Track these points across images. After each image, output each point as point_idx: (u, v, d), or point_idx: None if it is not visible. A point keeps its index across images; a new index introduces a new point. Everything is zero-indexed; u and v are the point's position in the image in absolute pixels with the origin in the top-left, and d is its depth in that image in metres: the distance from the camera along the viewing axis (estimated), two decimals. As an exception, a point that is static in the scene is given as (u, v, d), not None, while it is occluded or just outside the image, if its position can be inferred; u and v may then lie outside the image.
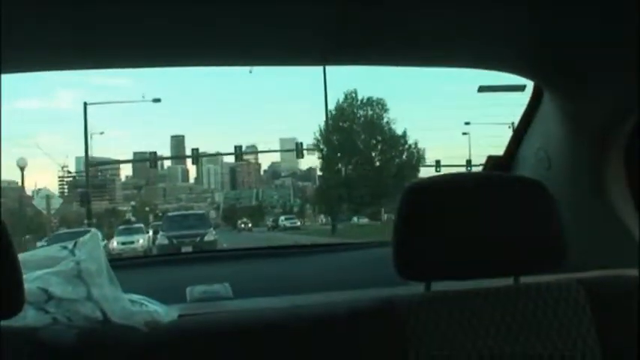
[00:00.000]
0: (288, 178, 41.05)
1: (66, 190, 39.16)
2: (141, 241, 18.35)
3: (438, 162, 25.96)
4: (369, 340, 1.23)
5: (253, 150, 43.86)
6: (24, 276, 1.15)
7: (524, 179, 1.41)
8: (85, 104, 25.33)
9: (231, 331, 1.26)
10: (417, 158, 26.67)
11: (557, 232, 1.28)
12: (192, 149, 29.51)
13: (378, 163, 25.76)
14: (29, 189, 39.77)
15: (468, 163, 24.59)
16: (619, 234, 1.63)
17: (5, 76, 1.54)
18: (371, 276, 1.74)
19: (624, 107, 1.56)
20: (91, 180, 38.53)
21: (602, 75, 1.53)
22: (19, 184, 39.64)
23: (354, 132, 26.23)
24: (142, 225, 21.26)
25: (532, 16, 1.41)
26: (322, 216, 31.73)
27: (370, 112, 26.45)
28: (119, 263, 1.80)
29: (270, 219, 33.69)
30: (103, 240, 15.33)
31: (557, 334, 1.26)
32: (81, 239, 1.39)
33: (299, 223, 30.61)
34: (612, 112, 1.59)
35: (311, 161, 36.08)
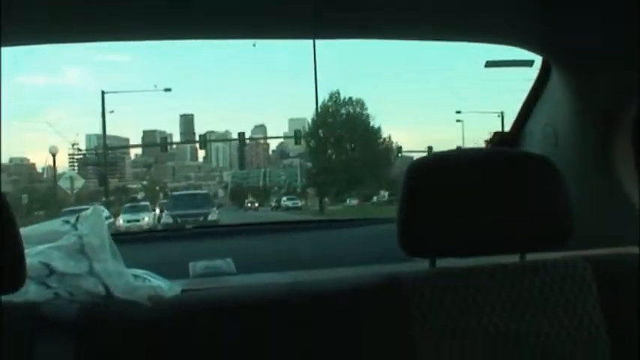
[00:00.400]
0: (296, 159, 41.00)
1: (76, 168, 39.32)
2: (146, 219, 18.70)
3: (430, 148, 28.09)
4: (373, 316, 1.22)
5: (261, 131, 43.90)
6: (26, 250, 1.14)
7: (531, 155, 1.38)
8: (103, 93, 26.41)
9: (233, 306, 1.25)
10: (389, 150, 30.50)
11: (564, 209, 1.26)
12: (200, 135, 30.02)
13: (355, 154, 29.37)
14: (40, 166, 40.11)
15: (458, 148, 26.25)
16: (625, 211, 1.61)
17: (10, 52, 1.52)
18: (375, 252, 1.73)
19: (634, 84, 1.53)
20: (102, 158, 38.70)
21: (612, 50, 1.51)
22: (30, 161, 39.95)
23: (337, 127, 30.00)
24: (147, 203, 21.80)
25: None
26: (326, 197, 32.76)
27: (351, 110, 30.12)
28: (122, 238, 1.78)
29: (274, 199, 34.18)
30: (111, 217, 16.26)
31: (563, 311, 1.25)
32: (83, 213, 1.37)
33: (300, 204, 31.43)
34: (621, 89, 1.56)
35: None
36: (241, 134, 31.57)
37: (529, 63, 1.94)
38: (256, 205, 33.41)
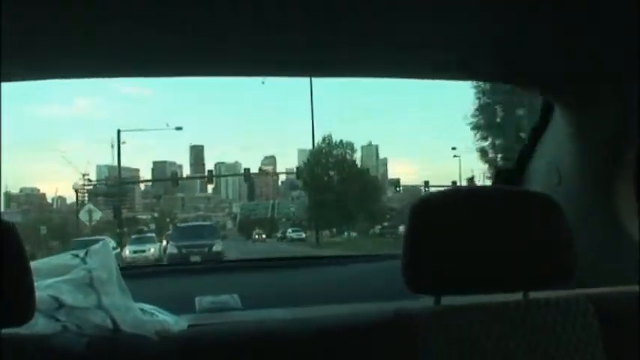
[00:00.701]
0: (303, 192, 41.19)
1: (86, 199, 39.53)
2: (152, 250, 19.14)
3: (426, 182, 30.47)
4: (380, 353, 1.22)
5: (270, 162, 44.07)
6: (35, 284, 1.14)
7: (534, 193, 1.39)
8: (119, 132, 27.51)
9: (239, 341, 1.25)
10: (376, 188, 33.65)
11: (567, 247, 1.26)
12: (208, 171, 30.60)
13: (344, 193, 31.51)
14: (49, 196, 40.34)
15: (454, 183, 28.14)
16: (628, 250, 1.61)
17: (22, 83, 1.55)
18: (380, 288, 1.71)
19: (635, 123, 1.54)
20: (112, 189, 38.96)
21: (613, 88, 1.52)
22: (40, 191, 40.15)
23: (329, 167, 32.81)
24: (153, 235, 22.49)
25: (541, 33, 1.40)
26: (327, 230, 34.12)
27: (341, 152, 32.87)
28: (129, 272, 1.79)
29: (281, 230, 34.38)
30: (117, 248, 16.61)
31: (566, 349, 1.25)
32: (92, 247, 1.38)
33: (304, 235, 32.13)
34: (623, 128, 1.57)
35: None
36: (247, 170, 33.06)
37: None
38: (263, 236, 33.87)
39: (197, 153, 48.11)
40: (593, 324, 1.26)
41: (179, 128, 30.86)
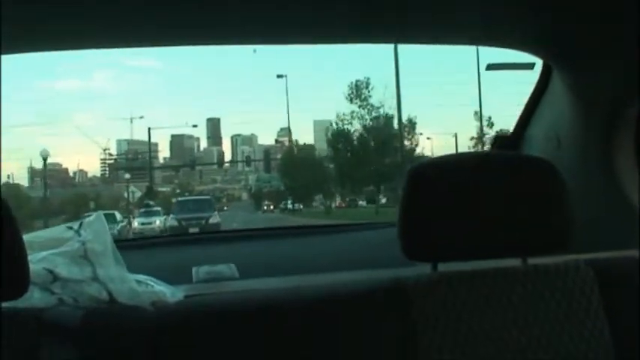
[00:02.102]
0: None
1: (107, 172, 39.94)
2: (157, 222, 20.89)
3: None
4: (376, 320, 1.21)
5: (286, 133, 44.03)
6: (29, 257, 1.14)
7: (532, 159, 1.36)
8: (149, 130, 30.49)
9: (236, 311, 1.24)
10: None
11: (566, 213, 1.24)
12: (218, 157, 30.47)
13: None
14: (71, 169, 40.78)
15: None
16: (628, 214, 1.58)
17: (40, 56, 1.54)
18: (377, 257, 1.72)
19: (634, 86, 1.50)
20: (131, 162, 39.25)
21: (613, 51, 1.48)
22: (63, 166, 40.61)
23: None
24: (159, 208, 23.98)
25: None
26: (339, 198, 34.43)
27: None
28: (125, 244, 1.78)
29: (283, 202, 35.56)
30: (123, 221, 19.29)
31: (565, 314, 1.24)
32: (86, 220, 1.37)
33: (301, 206, 32.76)
34: (622, 91, 1.54)
35: None
36: (267, 151, 32.35)
37: (530, 66, 1.91)
38: (272, 207, 35.08)
39: (214, 125, 48.13)
40: (593, 289, 1.25)
41: (194, 126, 32.03)
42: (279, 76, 31.28)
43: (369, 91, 27.24)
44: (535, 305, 1.23)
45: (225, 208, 37.97)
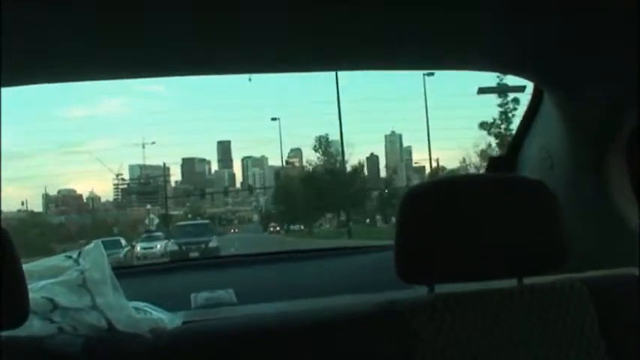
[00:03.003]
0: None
1: (120, 197, 40.12)
2: (158, 246, 22.10)
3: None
4: (372, 344, 1.20)
5: (297, 154, 44.07)
6: (29, 286, 1.14)
7: (526, 180, 1.37)
8: (164, 164, 31.24)
9: (235, 337, 1.24)
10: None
11: (561, 232, 1.24)
12: (229, 180, 30.77)
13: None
14: (85, 195, 41.01)
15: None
16: (621, 233, 1.57)
17: (49, 86, 1.55)
18: (374, 280, 1.70)
19: (624, 105, 1.51)
20: (143, 187, 39.46)
21: (601, 74, 1.49)
22: (77, 192, 40.83)
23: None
24: (160, 233, 25.27)
25: (530, 18, 1.36)
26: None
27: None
28: (124, 271, 1.79)
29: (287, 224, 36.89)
30: (128, 246, 20.06)
31: (562, 333, 1.23)
32: (85, 248, 1.38)
33: (303, 227, 34.57)
34: (612, 111, 1.54)
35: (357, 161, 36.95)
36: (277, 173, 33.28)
37: (521, 89, 1.91)
38: (277, 228, 36.47)
39: (224, 148, 48.29)
40: (588, 307, 1.25)
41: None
42: (273, 119, 33.44)
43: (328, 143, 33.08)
44: (532, 325, 1.23)
45: (236, 230, 38.38)
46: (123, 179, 39.41)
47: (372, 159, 39.93)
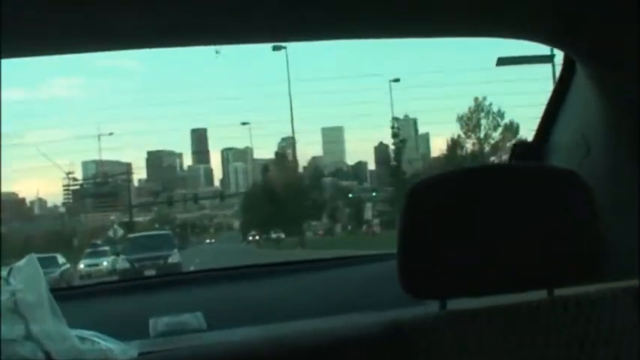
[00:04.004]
0: (329, 179, 41.15)
1: (71, 200, 40.09)
2: (104, 263, 23.37)
3: None
4: None
5: (290, 144, 44.08)
6: None
7: (557, 169, 1.38)
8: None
9: None
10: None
11: (598, 232, 1.24)
12: (206, 177, 30.87)
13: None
14: (29, 197, 40.90)
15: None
16: None
17: None
18: (374, 296, 1.73)
19: None
20: (101, 187, 39.46)
21: None
22: (19, 195, 40.76)
23: None
24: (107, 248, 26.47)
25: None
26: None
27: None
28: (65, 293, 1.80)
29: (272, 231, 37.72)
30: (67, 264, 20.41)
31: (602, 355, 1.23)
32: (17, 264, 1.37)
33: (283, 236, 35.37)
34: None
35: (362, 152, 37.33)
36: (265, 167, 35.09)
37: (548, 59, 1.92)
38: (257, 237, 37.48)
39: (199, 138, 48.29)
40: (633, 321, 1.25)
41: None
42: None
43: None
44: (565, 344, 1.23)
45: (212, 240, 38.70)
46: (75, 179, 39.40)
47: (381, 149, 40.02)
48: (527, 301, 1.27)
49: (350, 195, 38.56)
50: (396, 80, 34.81)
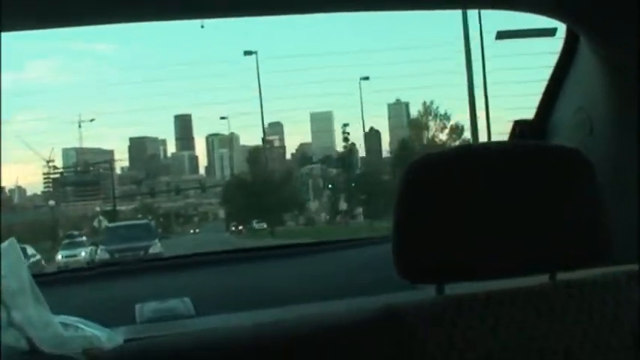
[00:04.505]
0: (318, 165, 41.18)
1: (51, 189, 39.94)
2: (83, 253, 23.48)
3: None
4: (368, 358, 1.22)
5: (277, 130, 43.97)
6: None
7: (559, 148, 1.37)
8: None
9: (192, 356, 1.24)
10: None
11: (602, 214, 1.24)
12: (190, 164, 30.81)
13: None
14: (9, 186, 40.66)
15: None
16: None
17: None
18: (368, 280, 1.73)
19: None
20: (82, 176, 39.29)
21: None
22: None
23: None
24: (84, 239, 26.83)
25: None
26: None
27: None
28: (48, 278, 1.79)
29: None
30: (36, 255, 20.41)
31: (607, 341, 1.24)
32: None
33: (265, 225, 35.88)
34: None
35: (353, 139, 37.37)
36: (252, 152, 35.66)
37: (550, 32, 1.91)
38: (240, 227, 37.60)
39: (184, 124, 48.17)
40: (636, 305, 1.25)
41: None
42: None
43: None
44: (568, 331, 1.23)
45: (196, 230, 38.71)
46: (55, 167, 39.20)
47: (372, 135, 40.05)
48: (527, 286, 1.27)
49: (329, 185, 38.75)
50: (366, 78, 35.32)
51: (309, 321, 1.30)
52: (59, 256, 23.69)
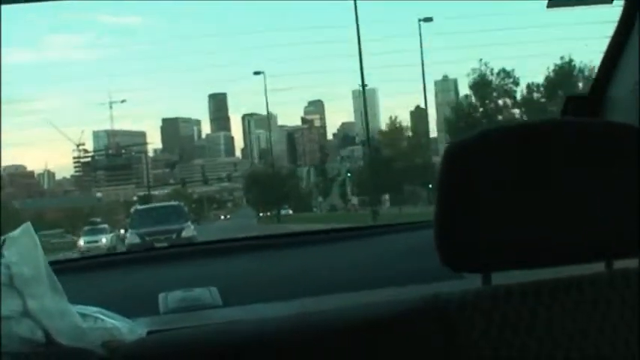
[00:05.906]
0: (359, 147, 41.33)
1: (82, 173, 40.71)
2: (104, 240, 24.60)
3: None
4: (408, 354, 1.21)
5: (317, 109, 44.09)
6: None
7: (616, 125, 1.35)
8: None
9: (219, 349, 1.24)
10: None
11: None
12: (226, 145, 31.23)
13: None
14: (38, 170, 41.46)
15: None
16: None
17: None
18: (408, 269, 1.72)
19: None
20: (113, 159, 39.94)
21: None
22: (27, 168, 41.40)
23: None
24: (105, 225, 28.05)
25: None
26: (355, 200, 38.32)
27: None
28: (66, 265, 1.80)
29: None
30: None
31: None
32: (10, 234, 1.37)
33: (291, 212, 37.05)
34: None
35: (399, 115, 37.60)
36: (290, 135, 36.00)
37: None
38: (268, 213, 38.38)
39: (218, 103, 48.53)
40: None
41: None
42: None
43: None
44: (626, 324, 1.22)
45: (227, 216, 39.36)
46: (86, 150, 39.88)
47: (418, 114, 39.94)
48: (580, 275, 1.25)
49: (348, 174, 39.16)
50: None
51: (339, 315, 1.30)
52: (81, 242, 24.81)
